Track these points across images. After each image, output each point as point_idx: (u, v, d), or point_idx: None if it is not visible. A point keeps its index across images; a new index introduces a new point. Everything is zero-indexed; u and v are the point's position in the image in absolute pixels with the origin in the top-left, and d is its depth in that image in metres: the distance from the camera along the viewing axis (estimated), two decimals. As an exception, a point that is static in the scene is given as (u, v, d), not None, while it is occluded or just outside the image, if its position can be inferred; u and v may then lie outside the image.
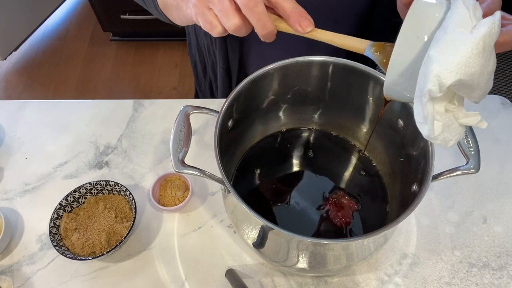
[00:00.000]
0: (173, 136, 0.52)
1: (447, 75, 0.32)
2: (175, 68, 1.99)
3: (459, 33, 0.32)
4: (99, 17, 1.92)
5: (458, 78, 0.32)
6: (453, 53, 0.32)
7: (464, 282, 0.61)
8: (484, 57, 0.32)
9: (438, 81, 0.32)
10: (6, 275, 0.62)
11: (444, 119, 0.36)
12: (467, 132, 0.54)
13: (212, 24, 0.43)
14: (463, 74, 0.32)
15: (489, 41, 0.32)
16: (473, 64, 0.32)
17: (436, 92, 0.33)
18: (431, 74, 0.32)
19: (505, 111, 0.79)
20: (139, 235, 0.66)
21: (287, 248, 0.51)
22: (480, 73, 0.33)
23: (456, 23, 0.33)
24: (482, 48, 0.32)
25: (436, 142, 0.37)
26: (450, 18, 0.34)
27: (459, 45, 0.32)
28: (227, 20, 0.42)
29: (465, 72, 0.32)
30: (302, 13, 0.41)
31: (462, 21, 0.33)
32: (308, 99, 0.65)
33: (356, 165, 0.68)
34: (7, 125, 0.79)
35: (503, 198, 0.69)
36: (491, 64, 0.34)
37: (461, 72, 0.32)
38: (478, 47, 0.32)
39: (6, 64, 2.02)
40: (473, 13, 0.33)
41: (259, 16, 0.40)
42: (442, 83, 0.32)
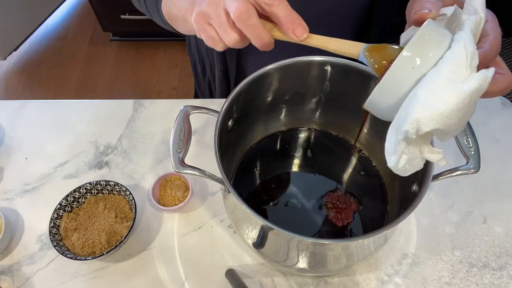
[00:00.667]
0: (173, 136, 0.52)
1: (427, 122, 0.32)
2: (175, 68, 1.99)
3: (450, 82, 0.32)
4: (99, 17, 1.92)
5: (436, 128, 0.32)
6: (438, 102, 0.32)
7: (464, 282, 0.61)
8: (466, 110, 0.33)
9: (417, 125, 0.33)
10: (6, 275, 0.62)
11: (410, 154, 0.37)
12: (467, 132, 0.54)
13: (215, 40, 0.44)
14: (442, 125, 0.32)
15: (476, 96, 0.32)
16: (454, 116, 0.32)
17: (413, 134, 0.33)
18: (413, 117, 0.33)
19: (505, 111, 0.79)
20: (139, 235, 0.66)
21: (287, 248, 0.51)
22: (457, 123, 0.33)
23: (450, 68, 0.33)
24: (468, 102, 0.32)
25: (396, 172, 0.38)
26: (447, 60, 0.33)
27: (447, 95, 0.32)
28: (226, 35, 0.42)
29: (444, 123, 0.32)
30: (296, 20, 0.40)
31: (457, 68, 0.33)
32: (308, 99, 0.65)
33: (356, 165, 0.68)
34: (7, 125, 0.79)
35: (503, 198, 0.69)
36: (469, 114, 0.35)
37: (441, 122, 0.32)
38: (464, 101, 0.32)
39: (6, 64, 2.02)
40: (470, 61, 0.33)
41: (253, 28, 0.40)
42: (421, 129, 0.33)
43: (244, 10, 0.39)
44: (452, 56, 0.33)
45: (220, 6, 0.41)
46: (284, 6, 0.40)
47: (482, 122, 0.77)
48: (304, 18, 0.42)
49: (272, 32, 0.42)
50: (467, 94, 0.32)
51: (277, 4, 0.40)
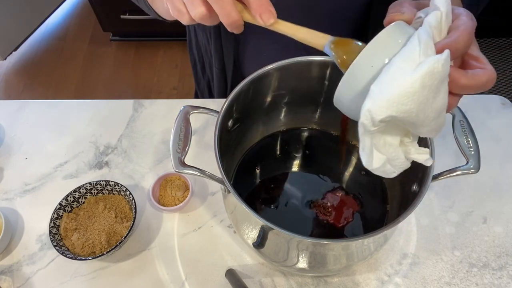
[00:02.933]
0: (173, 136, 0.52)
1: (377, 110, 0.32)
2: (175, 68, 1.99)
3: (400, 69, 0.32)
4: (99, 17, 1.92)
5: (389, 114, 0.32)
6: (387, 89, 0.32)
7: (464, 282, 0.61)
8: (424, 95, 0.32)
9: (369, 115, 0.33)
10: (6, 275, 0.62)
11: (389, 153, 0.36)
12: (467, 132, 0.54)
13: (181, 11, 0.42)
14: (395, 111, 0.32)
15: (429, 80, 0.32)
16: (407, 102, 0.32)
17: (369, 126, 0.33)
18: (364, 109, 0.33)
19: (505, 111, 0.79)
20: (139, 235, 0.66)
21: (287, 248, 0.51)
22: (418, 110, 0.33)
23: (403, 58, 0.33)
24: (420, 86, 0.32)
25: (377, 173, 0.38)
26: (401, 53, 0.33)
27: (395, 82, 0.32)
28: (193, 8, 0.41)
29: (397, 109, 0.32)
30: (264, 4, 0.39)
31: (410, 57, 0.33)
32: (307, 99, 0.65)
33: (356, 165, 0.68)
34: (7, 125, 0.79)
35: (503, 198, 0.69)
36: (438, 102, 0.34)
37: (393, 109, 0.32)
38: (414, 85, 0.32)
39: (6, 64, 2.02)
40: (423, 50, 0.33)
41: (222, 3, 0.39)
42: (373, 118, 0.33)
43: None
44: (406, 49, 0.33)
45: None
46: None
47: (482, 122, 0.77)
48: (303, 19, 0.42)
49: (242, 13, 0.41)
50: (416, 78, 0.31)
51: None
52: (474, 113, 0.77)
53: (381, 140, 0.36)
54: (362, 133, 0.35)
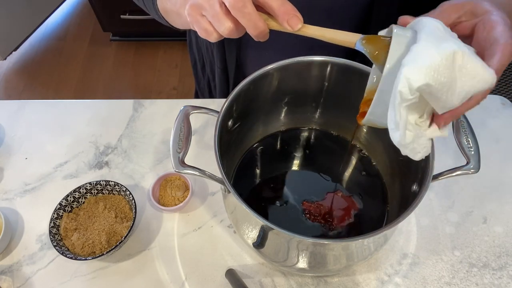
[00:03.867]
0: (173, 136, 0.52)
1: (416, 76, 0.32)
2: (175, 68, 1.99)
3: (430, 43, 0.33)
4: (99, 17, 1.92)
5: (427, 82, 0.32)
6: (423, 59, 0.33)
7: (464, 282, 0.61)
8: (455, 73, 0.33)
9: (407, 82, 0.33)
10: (6, 275, 0.62)
11: (415, 131, 0.37)
12: (467, 132, 0.54)
13: (208, 31, 0.43)
14: (432, 79, 0.32)
15: (460, 59, 0.33)
16: (444, 73, 0.32)
17: (407, 94, 0.33)
18: (402, 76, 0.33)
19: (505, 111, 0.79)
20: (139, 235, 0.66)
21: (287, 248, 0.51)
22: (450, 86, 0.33)
23: (428, 33, 0.34)
24: (452, 61, 0.32)
25: (405, 152, 0.38)
26: (422, 31, 0.34)
27: (429, 52, 0.33)
28: (220, 25, 0.42)
29: (434, 78, 0.32)
30: (290, 11, 0.40)
31: (435, 32, 0.34)
32: (308, 99, 0.65)
33: (356, 165, 0.68)
34: (7, 125, 0.79)
35: (503, 198, 0.69)
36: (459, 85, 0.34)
37: (430, 76, 0.32)
38: (448, 59, 0.32)
39: (6, 64, 2.02)
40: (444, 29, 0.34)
41: (249, 16, 0.40)
42: (411, 85, 0.33)
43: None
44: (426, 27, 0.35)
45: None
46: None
47: (482, 122, 0.77)
48: (305, 18, 0.42)
49: (267, 22, 0.42)
50: (449, 51, 0.32)
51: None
52: (474, 113, 0.76)
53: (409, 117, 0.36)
54: (399, 103, 0.35)
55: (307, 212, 0.62)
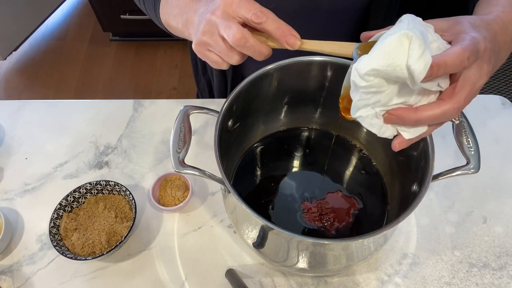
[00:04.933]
0: (173, 136, 0.52)
1: (361, 66, 0.36)
2: (175, 68, 1.99)
3: (391, 31, 0.36)
4: (99, 17, 1.92)
5: (372, 67, 0.35)
6: (376, 47, 0.36)
7: (464, 282, 0.61)
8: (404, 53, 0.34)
9: (356, 72, 0.36)
10: (6, 275, 0.62)
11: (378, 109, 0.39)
12: (467, 132, 0.54)
13: (218, 63, 0.46)
14: (376, 64, 0.35)
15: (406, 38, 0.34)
16: (389, 56, 0.35)
17: (358, 81, 0.37)
18: (351, 68, 0.37)
19: (505, 111, 0.79)
20: (139, 235, 0.66)
21: (287, 248, 0.51)
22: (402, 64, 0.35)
23: (396, 26, 0.37)
24: (401, 43, 0.34)
25: (363, 123, 0.41)
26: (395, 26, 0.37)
27: (384, 39, 0.35)
28: (229, 58, 0.45)
29: (378, 63, 0.35)
30: (286, 32, 0.42)
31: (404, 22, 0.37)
32: (308, 99, 0.65)
33: (356, 165, 0.68)
34: (7, 125, 0.79)
35: (503, 198, 0.69)
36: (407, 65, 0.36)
37: (374, 62, 0.35)
38: (397, 40, 0.34)
39: (6, 64, 2.02)
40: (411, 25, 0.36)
41: (253, 48, 0.43)
42: (359, 73, 0.36)
43: (240, 36, 0.41)
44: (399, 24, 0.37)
45: (215, 34, 0.44)
46: (272, 20, 0.42)
47: (482, 122, 0.77)
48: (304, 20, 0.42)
49: (268, 43, 0.45)
50: (397, 34, 0.34)
51: (265, 21, 0.42)
52: (474, 113, 0.76)
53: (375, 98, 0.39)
54: (352, 90, 0.39)
55: (307, 212, 0.62)
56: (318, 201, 0.63)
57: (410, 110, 0.38)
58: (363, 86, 0.37)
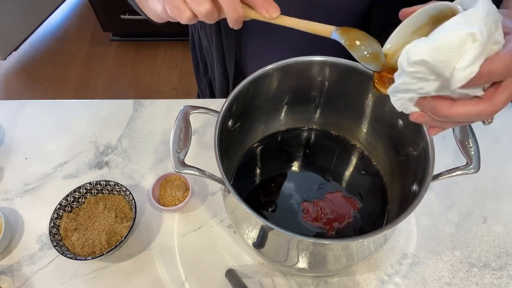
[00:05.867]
0: (173, 136, 0.52)
1: (414, 52, 0.34)
2: (175, 68, 1.99)
3: (450, 25, 0.33)
4: (99, 17, 1.92)
5: (422, 58, 0.34)
6: (432, 39, 0.34)
7: (464, 282, 0.61)
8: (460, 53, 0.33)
9: (407, 55, 0.35)
10: (6, 275, 0.62)
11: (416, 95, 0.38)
12: (467, 132, 0.54)
13: (180, 9, 0.42)
14: (428, 57, 0.33)
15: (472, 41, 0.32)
16: (445, 52, 0.33)
17: (405, 65, 0.35)
18: (404, 49, 0.35)
19: (505, 111, 0.78)
20: (139, 235, 0.66)
21: (287, 248, 0.51)
22: (452, 65, 0.33)
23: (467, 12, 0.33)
24: (463, 43, 0.32)
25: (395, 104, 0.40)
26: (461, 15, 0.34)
27: (441, 34, 0.33)
28: (198, 5, 0.41)
29: (432, 56, 0.33)
30: (268, 0, 0.41)
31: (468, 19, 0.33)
32: (308, 99, 0.65)
33: (356, 165, 0.68)
34: (7, 125, 0.79)
35: (503, 198, 0.69)
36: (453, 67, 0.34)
37: (427, 54, 0.33)
38: (458, 39, 0.32)
39: (6, 64, 2.02)
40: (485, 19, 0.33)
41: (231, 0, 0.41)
42: (409, 58, 0.34)
43: None
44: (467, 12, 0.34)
45: None
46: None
47: (482, 122, 0.77)
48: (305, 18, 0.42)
49: (247, 12, 0.43)
50: (463, 33, 0.32)
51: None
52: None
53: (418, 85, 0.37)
54: (398, 73, 0.37)
55: (307, 212, 0.62)
56: (318, 201, 0.63)
57: (445, 102, 0.36)
58: (410, 71, 0.35)
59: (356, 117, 0.65)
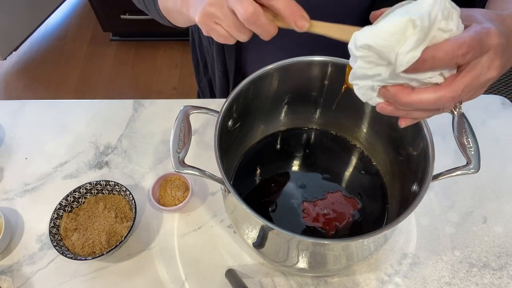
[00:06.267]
0: (173, 136, 0.52)
1: (360, 37, 0.35)
2: (175, 68, 1.99)
3: (405, 10, 0.35)
4: (99, 17, 1.92)
5: (366, 43, 0.35)
6: (377, 26, 0.35)
7: (464, 282, 0.61)
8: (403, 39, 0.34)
9: (353, 41, 0.36)
10: (6, 275, 0.62)
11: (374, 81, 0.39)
12: (467, 132, 0.54)
13: (226, 37, 0.44)
14: (372, 42, 0.35)
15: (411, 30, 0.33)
16: (387, 38, 0.34)
17: (353, 50, 0.37)
18: (352, 36, 0.37)
19: (505, 111, 0.79)
20: (139, 235, 0.66)
21: (287, 248, 0.51)
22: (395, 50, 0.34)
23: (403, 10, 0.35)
24: (404, 29, 0.33)
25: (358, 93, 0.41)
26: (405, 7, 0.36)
27: (384, 22, 0.35)
28: (238, 34, 0.43)
29: (375, 41, 0.35)
30: (296, 12, 0.41)
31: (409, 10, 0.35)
32: (308, 99, 0.65)
33: (356, 165, 0.68)
34: (7, 125, 0.79)
35: (503, 198, 0.69)
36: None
37: (371, 39, 0.35)
38: (400, 25, 0.33)
39: (6, 64, 2.02)
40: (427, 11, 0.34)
41: (262, 27, 0.41)
42: (356, 43, 0.36)
43: (252, 12, 0.40)
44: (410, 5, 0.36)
45: (224, 6, 0.42)
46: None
47: (482, 122, 0.77)
48: None
49: (275, 22, 0.43)
50: (404, 19, 0.33)
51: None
52: (474, 113, 0.77)
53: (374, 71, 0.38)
54: (351, 59, 0.38)
55: (307, 212, 0.62)
56: (318, 201, 0.63)
57: (405, 90, 0.37)
58: (359, 56, 0.37)
59: (356, 117, 0.65)
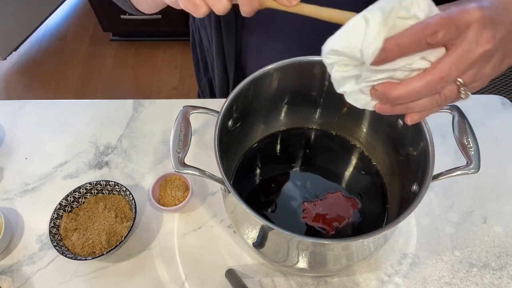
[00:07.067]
0: (173, 136, 0.52)
1: (326, 45, 0.36)
2: (175, 68, 1.99)
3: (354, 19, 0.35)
4: (99, 17, 1.92)
5: (332, 48, 0.35)
6: (337, 31, 0.35)
7: (464, 282, 0.61)
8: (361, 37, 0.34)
9: (323, 50, 0.37)
10: (6, 275, 0.62)
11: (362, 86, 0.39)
12: (467, 132, 0.54)
13: (196, 5, 0.41)
14: (336, 46, 0.35)
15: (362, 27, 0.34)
16: (347, 38, 0.34)
17: (324, 58, 0.37)
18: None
19: (505, 111, 0.79)
20: (139, 235, 0.66)
21: (287, 248, 0.51)
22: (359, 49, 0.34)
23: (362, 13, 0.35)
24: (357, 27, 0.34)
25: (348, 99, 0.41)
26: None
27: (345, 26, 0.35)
28: (217, 2, 0.40)
29: (338, 44, 0.35)
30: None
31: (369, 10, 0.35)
32: (308, 99, 0.65)
33: (356, 165, 0.68)
34: (7, 125, 0.79)
35: (503, 198, 0.69)
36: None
37: (334, 43, 0.35)
38: (357, 24, 0.34)
39: (6, 64, 2.02)
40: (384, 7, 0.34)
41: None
42: (323, 51, 0.36)
43: None
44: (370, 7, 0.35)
45: None
46: None
47: (482, 122, 0.77)
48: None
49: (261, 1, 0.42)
50: (358, 17, 0.34)
51: None
52: (474, 113, 0.76)
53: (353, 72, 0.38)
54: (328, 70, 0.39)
55: (307, 212, 0.62)
56: (318, 201, 0.63)
57: (391, 85, 0.36)
58: (329, 63, 0.37)
59: (356, 117, 0.65)
